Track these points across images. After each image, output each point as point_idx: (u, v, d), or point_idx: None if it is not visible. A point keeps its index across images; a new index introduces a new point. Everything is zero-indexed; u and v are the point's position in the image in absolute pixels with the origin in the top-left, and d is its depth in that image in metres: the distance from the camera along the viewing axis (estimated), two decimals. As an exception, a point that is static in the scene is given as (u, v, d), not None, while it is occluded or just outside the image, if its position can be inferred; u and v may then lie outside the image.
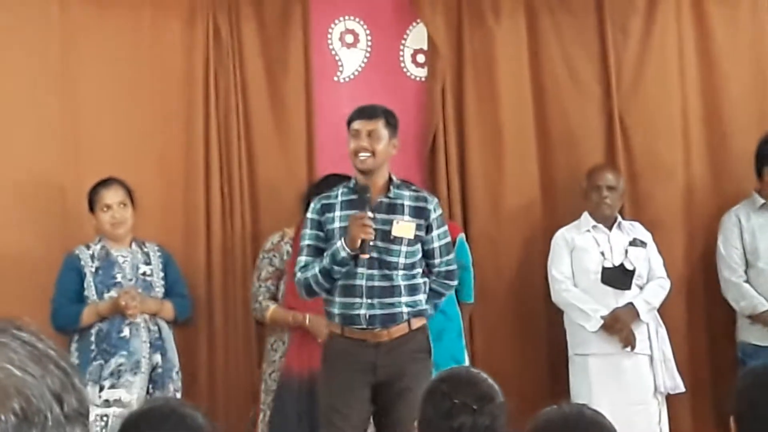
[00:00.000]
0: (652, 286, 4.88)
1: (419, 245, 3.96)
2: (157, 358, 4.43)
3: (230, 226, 4.96)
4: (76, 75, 4.87)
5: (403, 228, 3.91)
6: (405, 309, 3.91)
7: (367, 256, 3.82)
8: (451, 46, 5.23)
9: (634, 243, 4.91)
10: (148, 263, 4.58)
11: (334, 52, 5.24)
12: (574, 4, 5.31)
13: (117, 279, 4.48)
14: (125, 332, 4.39)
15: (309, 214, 4.01)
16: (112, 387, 4.31)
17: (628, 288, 4.82)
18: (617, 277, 4.83)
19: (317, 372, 4.13)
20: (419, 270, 3.98)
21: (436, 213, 4.01)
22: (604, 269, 4.84)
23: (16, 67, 4.82)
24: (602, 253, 4.87)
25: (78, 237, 4.63)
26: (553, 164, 5.28)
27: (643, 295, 4.83)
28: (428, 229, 3.97)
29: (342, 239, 3.83)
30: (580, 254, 4.89)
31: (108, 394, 4.30)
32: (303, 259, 3.96)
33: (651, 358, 4.80)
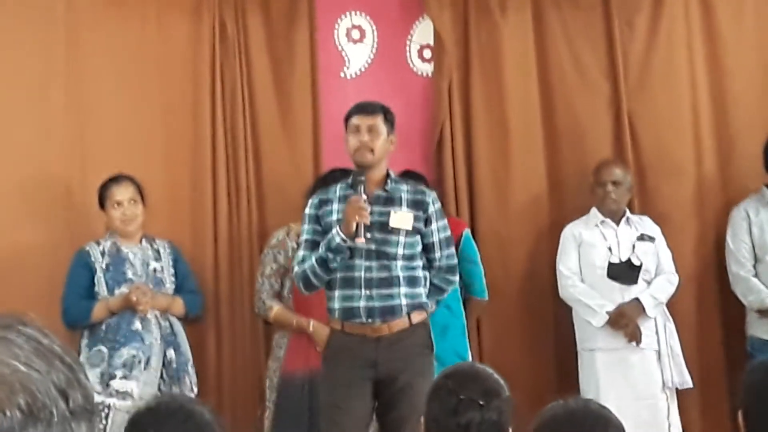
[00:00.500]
0: (660, 281, 4.86)
1: (418, 237, 3.94)
2: (171, 353, 4.43)
3: (237, 221, 4.96)
4: (82, 71, 4.87)
5: (401, 218, 3.89)
6: (404, 301, 3.87)
7: (363, 240, 3.78)
8: (458, 41, 5.23)
9: (642, 238, 4.90)
10: (158, 259, 4.58)
11: (340, 48, 5.23)
12: (580, -1, 5.31)
13: (127, 275, 4.48)
14: (137, 325, 4.39)
15: (307, 210, 4.00)
16: (123, 378, 4.30)
17: (635, 283, 4.81)
18: (623, 272, 4.82)
19: (317, 370, 4.12)
20: (419, 263, 3.95)
21: (434, 206, 3.99)
22: (611, 264, 4.83)
23: (21, 63, 4.82)
24: (609, 248, 4.86)
25: (84, 234, 4.63)
26: (561, 159, 5.27)
27: (650, 291, 4.82)
28: (427, 222, 3.95)
29: (338, 226, 3.83)
30: (588, 249, 4.88)
31: (119, 385, 4.29)
32: (301, 253, 3.95)
33: (659, 353, 4.79)
